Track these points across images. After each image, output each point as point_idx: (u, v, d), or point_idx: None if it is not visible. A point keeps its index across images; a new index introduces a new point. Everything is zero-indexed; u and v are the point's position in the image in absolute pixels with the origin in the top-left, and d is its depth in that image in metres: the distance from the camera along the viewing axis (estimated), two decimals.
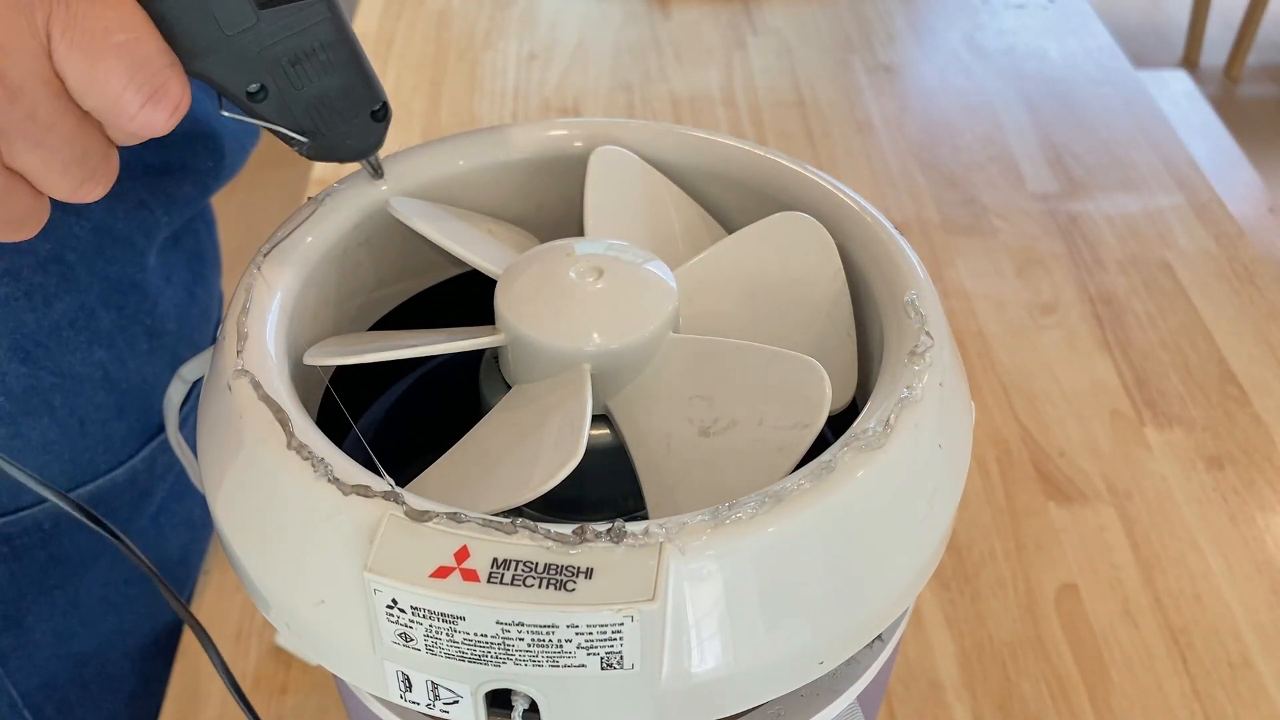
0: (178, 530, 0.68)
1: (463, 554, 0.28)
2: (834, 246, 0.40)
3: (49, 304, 0.55)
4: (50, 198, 0.34)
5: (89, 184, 0.33)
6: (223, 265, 0.73)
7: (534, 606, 0.27)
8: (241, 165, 0.65)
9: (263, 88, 0.36)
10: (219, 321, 0.54)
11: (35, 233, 0.34)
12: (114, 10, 0.31)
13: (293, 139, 0.37)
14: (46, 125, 0.31)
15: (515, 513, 0.31)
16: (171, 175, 0.60)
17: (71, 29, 0.31)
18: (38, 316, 0.55)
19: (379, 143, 0.39)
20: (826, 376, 0.35)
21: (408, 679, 0.30)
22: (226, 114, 0.36)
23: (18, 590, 0.60)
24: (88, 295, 0.57)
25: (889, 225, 0.40)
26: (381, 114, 0.38)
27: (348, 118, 0.38)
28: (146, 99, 0.32)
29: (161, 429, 0.63)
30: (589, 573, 0.28)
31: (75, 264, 0.56)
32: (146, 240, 0.60)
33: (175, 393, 0.41)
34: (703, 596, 0.29)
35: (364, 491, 0.30)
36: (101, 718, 0.67)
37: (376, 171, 0.41)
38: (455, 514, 0.29)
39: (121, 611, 0.66)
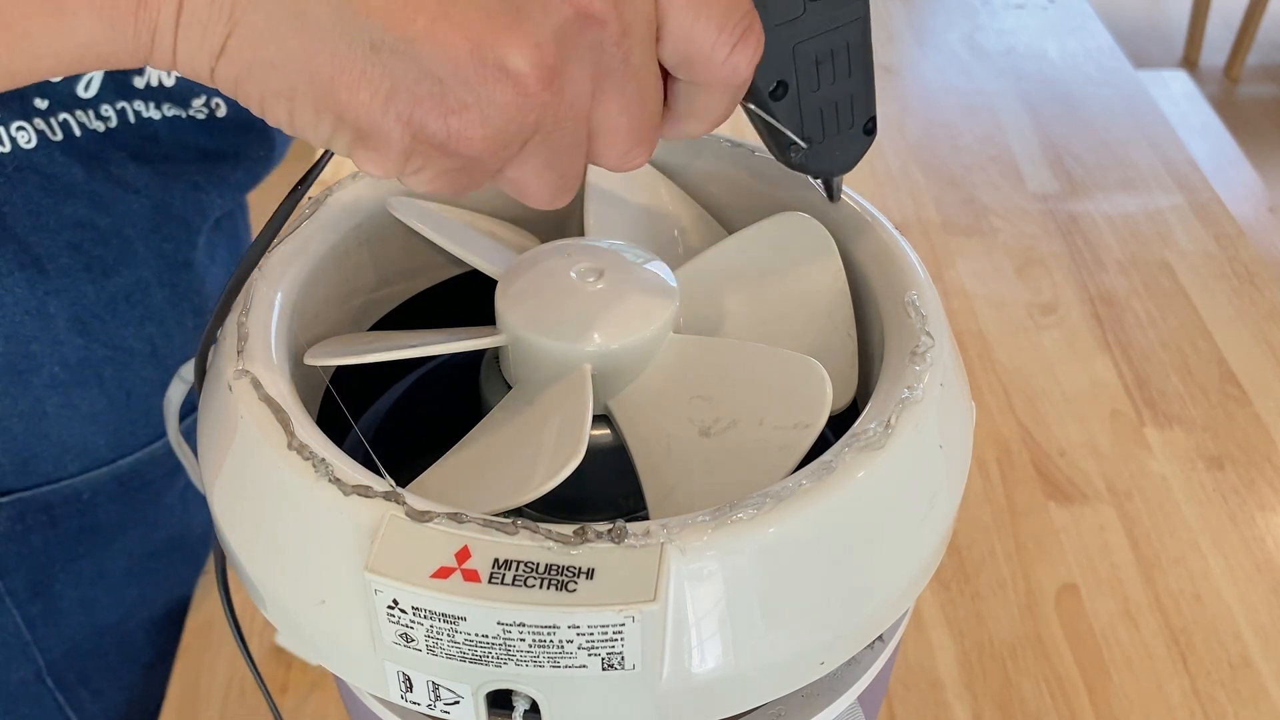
0: (203, 506, 0.70)
1: (464, 554, 0.28)
2: (834, 246, 0.40)
3: (107, 277, 0.57)
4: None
5: (641, 148, 0.31)
6: None
7: (535, 607, 0.27)
8: (285, 155, 0.67)
9: (783, 84, 0.34)
10: None
11: (568, 200, 0.32)
12: None
13: (791, 143, 0.35)
14: (635, 70, 0.29)
15: (516, 513, 0.31)
16: (225, 161, 0.61)
17: None
18: (96, 289, 0.56)
19: (860, 157, 0.37)
20: (827, 377, 0.35)
21: (408, 679, 0.30)
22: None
23: (49, 558, 0.61)
24: (144, 271, 0.58)
25: (889, 225, 0.40)
26: (871, 127, 0.37)
27: (844, 127, 0.36)
28: (736, 42, 0.30)
29: (194, 409, 0.66)
30: (590, 573, 0.28)
31: (134, 239, 0.57)
32: (200, 220, 0.61)
33: (175, 393, 0.41)
34: (703, 597, 0.29)
35: (365, 492, 0.30)
36: (119, 687, 0.68)
37: (834, 194, 0.39)
38: (456, 514, 0.29)
39: (144, 582, 0.67)
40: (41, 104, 0.52)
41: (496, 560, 0.28)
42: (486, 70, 0.27)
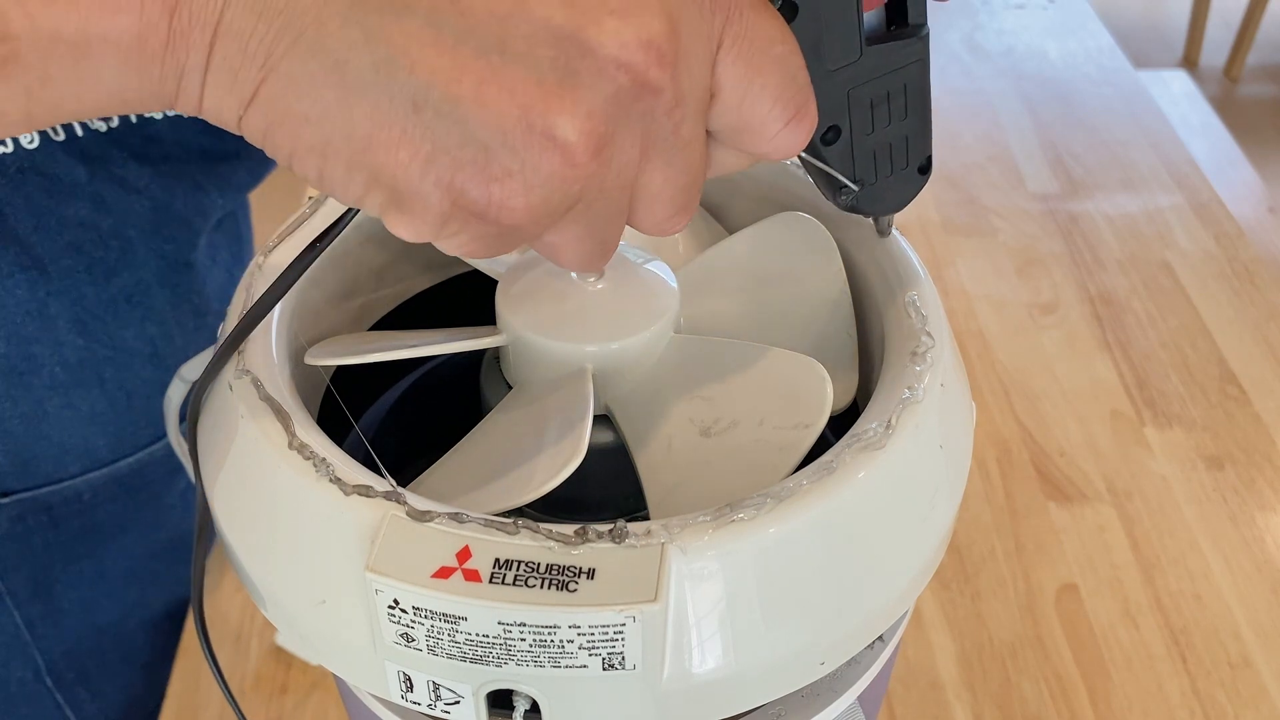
0: None
1: (464, 554, 0.28)
2: (834, 246, 0.40)
3: (108, 279, 0.57)
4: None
5: (681, 216, 0.30)
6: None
7: (536, 607, 0.27)
8: None
9: (836, 129, 0.32)
10: None
11: (605, 264, 0.30)
12: (773, 20, 0.28)
13: (842, 186, 0.34)
14: (685, 142, 0.28)
15: (517, 513, 0.31)
16: (227, 161, 0.61)
17: (742, 37, 0.28)
18: (97, 290, 0.56)
19: (913, 196, 0.36)
20: (828, 377, 0.35)
21: (409, 679, 0.30)
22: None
23: (50, 559, 0.61)
24: (145, 272, 0.58)
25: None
26: (926, 166, 0.35)
27: (899, 168, 0.35)
28: (790, 118, 0.29)
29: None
30: (591, 573, 0.28)
31: (135, 240, 0.57)
32: (201, 221, 0.61)
33: (175, 392, 0.41)
34: (704, 597, 0.29)
35: (365, 491, 0.30)
36: (117, 687, 0.68)
37: (884, 230, 0.38)
38: (457, 514, 0.29)
39: (143, 583, 0.67)
40: None
41: (497, 560, 0.28)
42: (534, 137, 0.25)
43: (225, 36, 0.25)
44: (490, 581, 0.28)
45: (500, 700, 0.30)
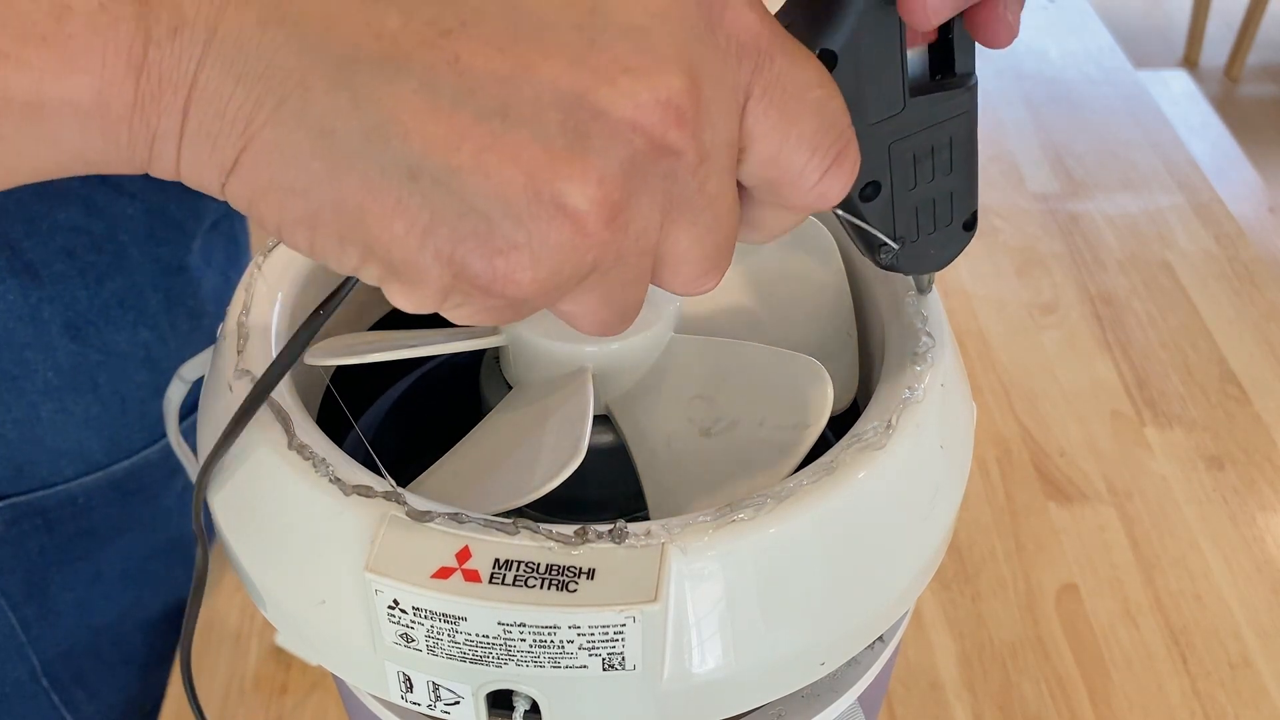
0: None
1: (464, 554, 0.28)
2: (835, 246, 0.40)
3: (101, 283, 0.56)
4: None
5: (713, 275, 0.27)
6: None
7: (536, 607, 0.27)
8: None
9: (875, 184, 0.30)
10: None
11: (627, 328, 0.28)
12: (808, 63, 0.26)
13: (881, 244, 0.32)
14: (711, 199, 0.26)
15: (517, 513, 0.31)
16: None
17: (775, 86, 0.25)
18: (90, 294, 0.56)
19: (958, 254, 0.34)
20: (828, 377, 0.35)
21: (409, 679, 0.30)
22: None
23: (45, 561, 0.61)
24: (138, 276, 0.58)
25: None
26: (971, 222, 0.33)
27: (942, 224, 0.32)
28: (829, 165, 0.26)
29: (195, 409, 0.65)
30: (591, 573, 0.28)
31: (128, 244, 0.57)
32: (195, 224, 0.61)
33: (175, 393, 0.41)
34: (704, 597, 0.29)
35: (365, 491, 0.30)
36: (114, 688, 0.68)
37: (924, 288, 0.36)
38: (457, 514, 0.29)
39: (140, 584, 0.67)
40: None
41: (497, 560, 0.28)
42: (541, 207, 0.23)
43: (201, 101, 0.23)
44: (490, 582, 0.28)
45: (500, 700, 0.30)
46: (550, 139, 0.23)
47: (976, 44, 0.30)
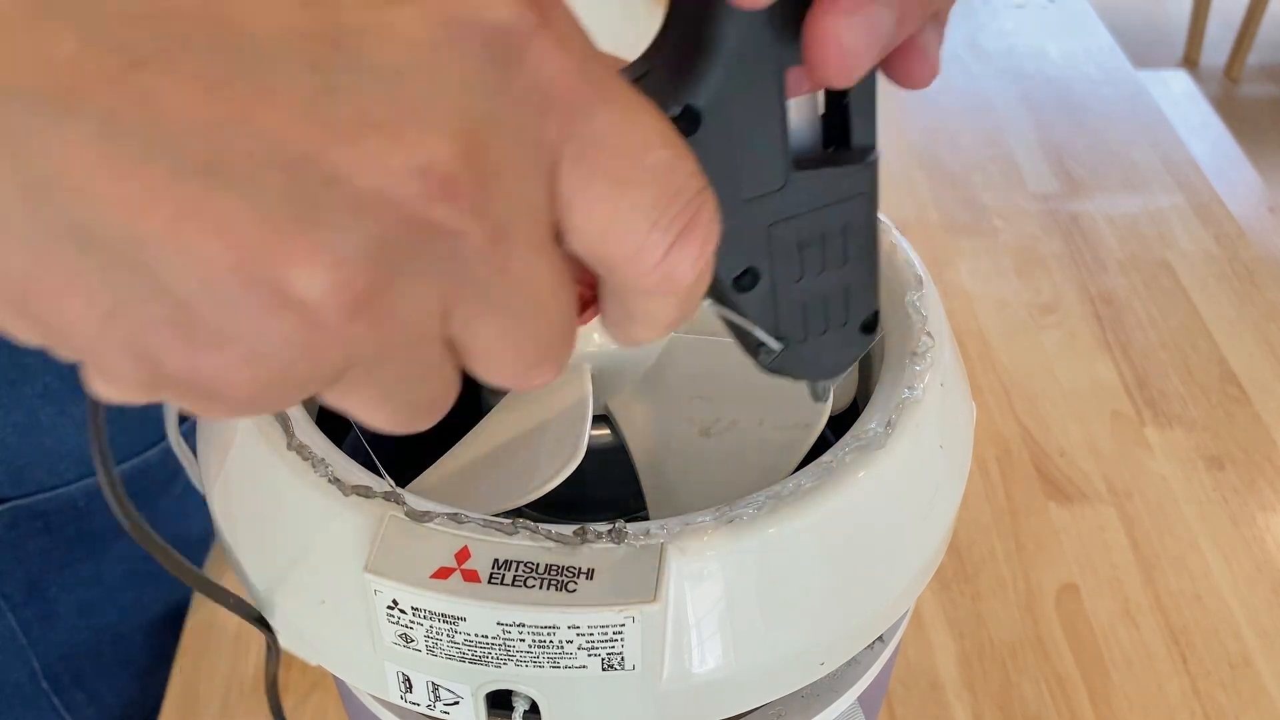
0: (200, 510, 0.70)
1: (463, 554, 0.28)
2: None
3: None
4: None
5: (542, 367, 0.22)
6: None
7: (535, 607, 0.27)
8: None
9: (753, 272, 0.26)
10: None
11: (436, 421, 0.23)
12: (645, 117, 0.21)
13: (759, 344, 0.27)
14: (519, 281, 0.20)
15: (516, 513, 0.31)
16: None
17: (595, 145, 0.20)
18: None
19: (854, 361, 0.29)
20: None
21: (408, 680, 0.30)
22: None
23: (45, 563, 0.61)
24: None
25: (890, 225, 0.40)
26: (872, 323, 0.29)
27: (836, 324, 0.28)
28: (675, 239, 0.21)
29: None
30: (590, 573, 0.28)
31: None
32: None
33: None
34: (704, 597, 0.29)
35: (364, 492, 0.30)
36: (114, 690, 0.68)
37: (820, 395, 0.31)
38: (456, 514, 0.29)
39: (141, 585, 0.67)
40: None
41: (496, 560, 0.28)
42: (256, 295, 0.18)
43: None
44: (489, 582, 0.28)
45: (499, 701, 0.30)
46: (269, 208, 0.18)
47: (922, 78, 0.26)
